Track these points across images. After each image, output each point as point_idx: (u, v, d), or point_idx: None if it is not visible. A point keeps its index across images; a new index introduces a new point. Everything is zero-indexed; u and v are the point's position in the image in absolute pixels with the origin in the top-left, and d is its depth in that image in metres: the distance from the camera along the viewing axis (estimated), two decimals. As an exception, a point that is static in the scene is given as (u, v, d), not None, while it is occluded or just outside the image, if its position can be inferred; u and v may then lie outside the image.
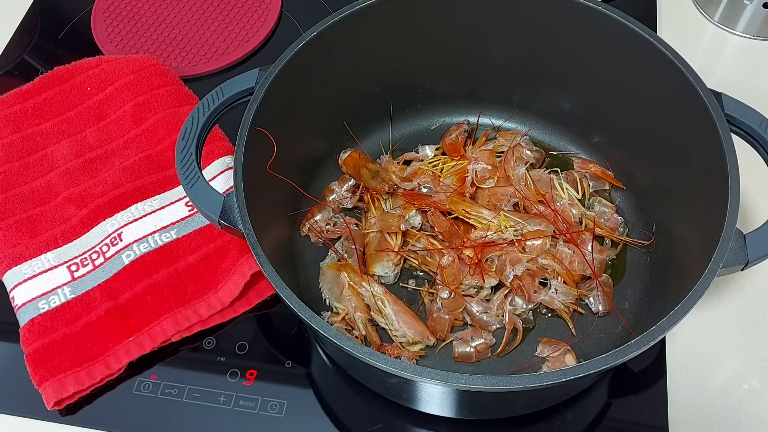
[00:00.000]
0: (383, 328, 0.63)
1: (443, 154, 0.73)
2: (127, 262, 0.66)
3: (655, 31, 0.76)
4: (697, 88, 0.56)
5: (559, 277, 0.63)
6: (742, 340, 0.65)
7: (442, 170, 0.70)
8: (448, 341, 0.62)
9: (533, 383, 0.45)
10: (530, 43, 0.67)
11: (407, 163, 0.73)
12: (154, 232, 0.67)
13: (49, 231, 0.68)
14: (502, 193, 0.68)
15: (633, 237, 0.67)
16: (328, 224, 0.68)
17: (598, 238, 0.67)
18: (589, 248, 0.65)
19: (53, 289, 0.65)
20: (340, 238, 0.68)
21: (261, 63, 0.61)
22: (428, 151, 0.73)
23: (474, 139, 0.74)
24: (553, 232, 0.65)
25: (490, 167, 0.69)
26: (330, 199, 0.71)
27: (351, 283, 0.63)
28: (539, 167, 0.71)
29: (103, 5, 0.90)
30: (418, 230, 0.67)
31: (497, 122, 0.76)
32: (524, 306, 0.63)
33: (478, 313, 0.63)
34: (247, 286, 0.64)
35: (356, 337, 0.62)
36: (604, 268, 0.65)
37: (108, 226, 0.68)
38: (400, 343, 0.62)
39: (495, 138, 0.73)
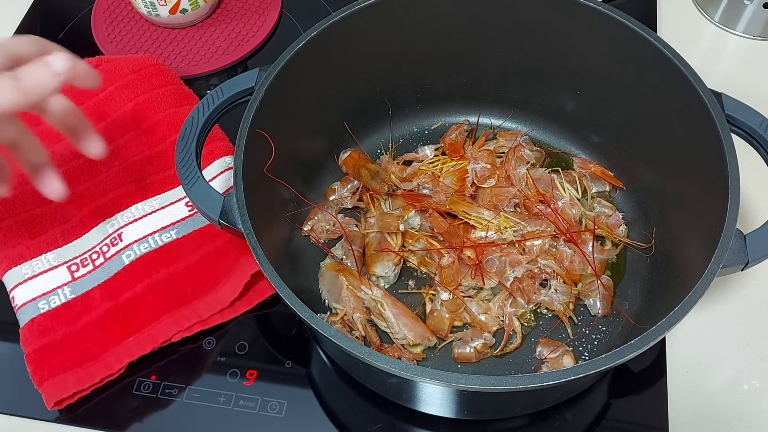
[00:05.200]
0: (384, 331, 0.63)
1: (443, 154, 0.73)
2: (127, 262, 0.66)
3: (655, 31, 0.76)
4: (697, 88, 0.56)
5: (559, 277, 0.63)
6: (742, 340, 0.65)
7: (441, 170, 0.70)
8: (447, 341, 0.63)
9: (533, 383, 0.45)
10: (530, 43, 0.67)
11: (407, 163, 0.73)
12: (154, 233, 0.67)
13: (49, 231, 0.68)
14: (504, 193, 0.68)
15: (633, 237, 0.67)
16: (329, 224, 0.68)
17: (598, 238, 0.67)
18: (590, 248, 0.65)
19: (53, 290, 0.65)
20: (341, 237, 0.68)
21: (261, 63, 0.61)
22: (428, 151, 0.73)
23: (474, 139, 0.74)
24: (554, 232, 0.65)
25: (489, 167, 0.69)
26: (331, 199, 0.71)
27: (350, 286, 0.63)
28: (539, 167, 0.71)
29: (103, 5, 0.90)
30: (418, 231, 0.67)
31: (497, 122, 0.76)
32: (525, 307, 0.63)
33: (477, 314, 0.63)
34: (247, 286, 0.64)
35: (356, 337, 0.62)
36: (605, 269, 0.65)
37: (108, 226, 0.68)
38: (402, 345, 0.62)
39: (495, 138, 0.74)
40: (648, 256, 0.65)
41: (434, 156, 0.73)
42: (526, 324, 0.63)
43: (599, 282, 0.63)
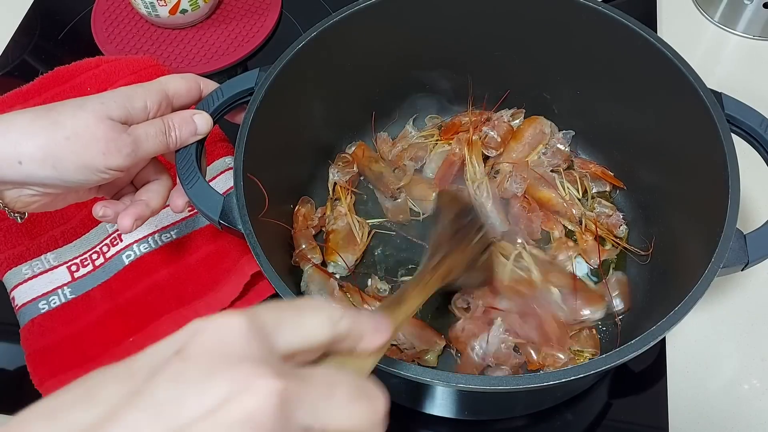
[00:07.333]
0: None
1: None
2: (127, 262, 0.66)
3: (655, 31, 0.76)
4: (697, 88, 0.56)
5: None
6: (742, 340, 0.65)
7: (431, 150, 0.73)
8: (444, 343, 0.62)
9: (533, 383, 0.45)
10: (530, 43, 0.67)
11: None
12: (154, 233, 0.67)
13: (49, 231, 0.68)
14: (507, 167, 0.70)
15: (633, 237, 0.67)
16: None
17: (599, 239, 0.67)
18: (594, 258, 0.65)
19: (53, 290, 0.65)
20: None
21: (261, 63, 0.61)
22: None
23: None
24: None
25: (499, 140, 0.71)
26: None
27: (354, 303, 0.63)
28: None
29: (103, 6, 0.90)
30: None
31: (497, 122, 0.76)
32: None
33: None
34: (247, 286, 0.64)
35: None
36: (598, 344, 0.62)
37: (108, 226, 0.68)
38: (414, 356, 0.61)
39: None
40: (648, 256, 0.65)
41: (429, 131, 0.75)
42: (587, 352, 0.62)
43: (606, 287, 0.63)
